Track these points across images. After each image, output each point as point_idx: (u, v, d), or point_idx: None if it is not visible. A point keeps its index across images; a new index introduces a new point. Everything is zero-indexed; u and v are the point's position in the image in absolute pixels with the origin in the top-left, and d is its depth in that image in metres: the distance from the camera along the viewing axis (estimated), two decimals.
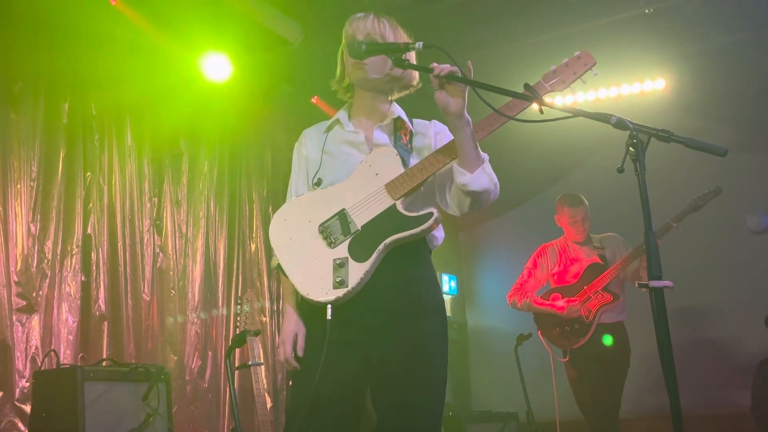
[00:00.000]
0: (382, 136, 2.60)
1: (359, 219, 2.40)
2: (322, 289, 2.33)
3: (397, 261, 2.38)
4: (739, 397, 6.43)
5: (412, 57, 2.57)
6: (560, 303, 5.13)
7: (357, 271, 2.32)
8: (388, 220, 2.38)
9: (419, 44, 2.38)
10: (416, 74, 2.67)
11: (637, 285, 2.02)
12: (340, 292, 2.30)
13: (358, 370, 2.40)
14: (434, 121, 2.70)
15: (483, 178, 2.41)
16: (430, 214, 2.38)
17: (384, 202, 2.40)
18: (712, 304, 6.98)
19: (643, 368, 5.31)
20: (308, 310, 2.45)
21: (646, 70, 6.57)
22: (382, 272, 2.35)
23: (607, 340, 5.05)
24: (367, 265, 2.33)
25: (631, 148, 2.02)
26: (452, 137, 2.50)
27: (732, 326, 6.85)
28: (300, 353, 2.43)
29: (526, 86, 2.35)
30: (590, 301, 5.06)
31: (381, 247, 2.34)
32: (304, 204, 2.51)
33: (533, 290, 5.38)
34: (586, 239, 5.34)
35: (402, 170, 2.44)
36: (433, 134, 2.64)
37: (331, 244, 2.38)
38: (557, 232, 5.49)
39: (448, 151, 2.43)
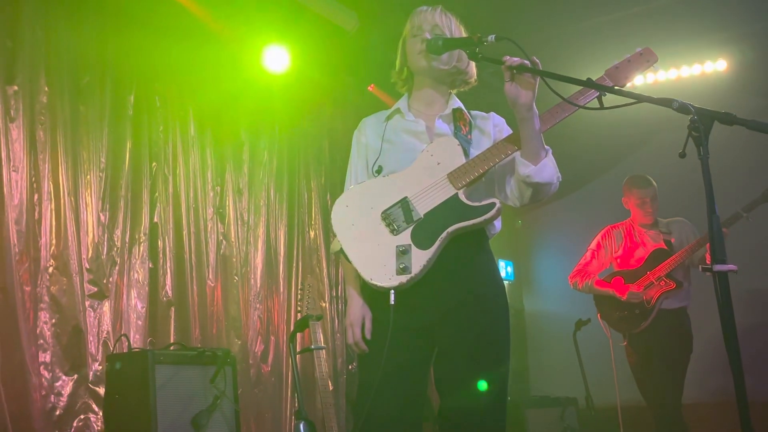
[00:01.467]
0: (443, 126, 2.64)
1: (421, 207, 2.43)
2: (385, 275, 2.37)
3: (458, 248, 2.42)
4: None
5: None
6: (622, 287, 5.08)
7: (420, 258, 2.36)
8: (450, 209, 2.41)
9: (491, 37, 2.42)
10: (475, 70, 2.73)
11: (700, 269, 2.02)
12: (404, 278, 2.34)
13: (422, 354, 2.48)
14: (492, 114, 2.74)
15: (546, 170, 2.45)
16: (493, 204, 2.41)
17: (446, 192, 2.44)
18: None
19: (708, 352, 5.24)
20: (371, 294, 2.50)
21: (706, 51, 6.47)
22: (443, 259, 2.39)
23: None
24: (429, 252, 2.36)
25: (693, 132, 2.01)
26: (510, 131, 2.55)
27: None
28: (368, 336, 2.49)
29: (589, 81, 2.36)
30: (652, 287, 5.00)
31: (444, 235, 2.38)
32: (366, 191, 2.55)
33: (596, 272, 5.33)
34: (653, 222, 5.26)
35: (463, 160, 2.47)
36: (492, 126, 2.68)
37: (394, 231, 2.42)
38: (615, 216, 5.44)
39: (511, 142, 2.46)
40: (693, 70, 6.63)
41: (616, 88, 2.40)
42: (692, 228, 5.22)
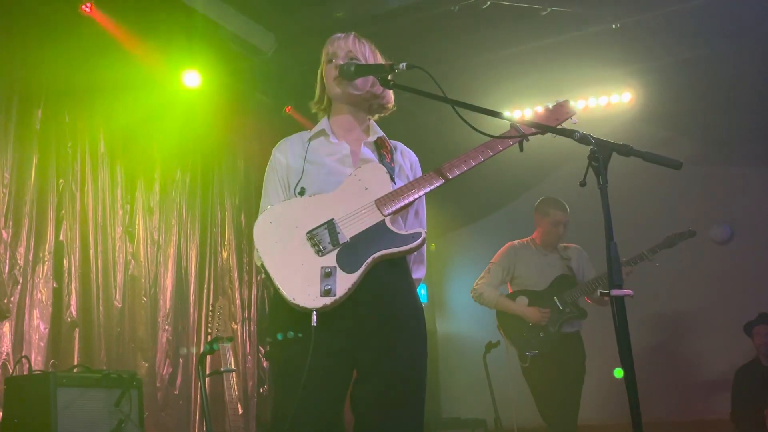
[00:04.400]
0: (368, 152, 2.66)
1: (348, 231, 2.43)
2: (309, 296, 2.33)
3: (380, 271, 2.43)
4: (701, 405, 6.59)
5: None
6: (530, 309, 5.12)
7: (345, 282, 2.35)
8: (377, 235, 2.43)
9: (403, 65, 2.46)
10: (392, 96, 2.77)
11: (599, 293, 2.11)
12: (328, 300, 2.32)
13: (341, 377, 2.47)
14: (410, 151, 2.80)
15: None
16: (419, 234, 2.45)
17: (373, 217, 2.45)
18: (675, 313, 7.13)
19: (610, 374, 5.37)
20: (290, 314, 2.41)
21: (613, 83, 6.72)
22: (364, 282, 2.39)
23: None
24: (355, 276, 2.36)
25: (593, 162, 2.11)
26: (420, 172, 2.70)
27: (694, 335, 7.00)
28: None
29: (513, 125, 2.47)
30: (558, 312, 5.07)
31: (369, 260, 2.39)
32: (291, 209, 2.51)
33: (498, 286, 5.36)
34: (555, 246, 5.34)
35: (390, 187, 2.51)
36: (408, 163, 2.74)
37: (319, 252, 2.39)
38: None
39: (438, 173, 2.51)
40: (600, 101, 6.87)
41: (523, 118, 2.48)
42: (586, 257, 5.35)
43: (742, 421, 5.91)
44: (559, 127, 2.51)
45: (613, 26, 5.79)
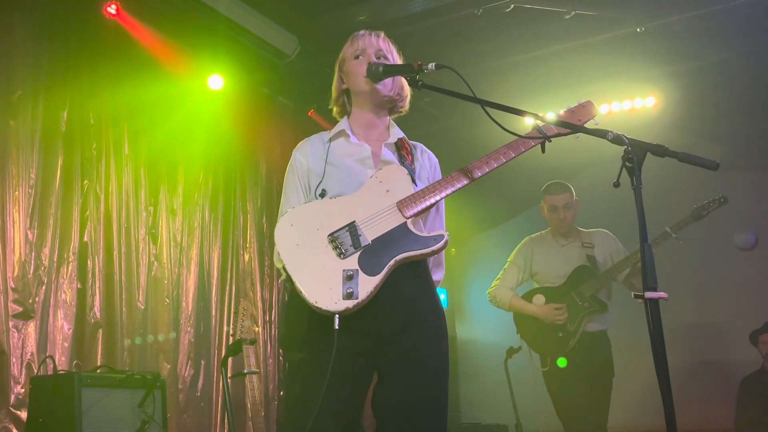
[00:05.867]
0: (388, 154, 2.65)
1: (369, 233, 2.41)
2: (331, 299, 2.31)
3: (401, 273, 2.42)
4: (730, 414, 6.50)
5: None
6: (544, 307, 4.84)
7: (367, 285, 2.33)
8: (398, 238, 2.40)
9: (432, 65, 2.44)
10: (409, 98, 2.75)
11: (633, 296, 2.07)
12: (350, 303, 2.30)
13: (362, 378, 2.47)
14: (430, 152, 2.79)
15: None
16: (441, 236, 2.42)
17: (395, 220, 2.43)
18: (699, 320, 7.05)
19: (644, 382, 5.24)
20: (311, 316, 2.40)
21: (636, 87, 6.67)
22: (386, 284, 2.37)
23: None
24: (377, 279, 2.34)
25: (627, 163, 2.08)
26: (440, 176, 2.67)
27: (719, 342, 6.92)
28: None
29: (536, 127, 2.46)
30: (576, 308, 4.76)
31: (392, 263, 2.36)
32: (312, 211, 2.49)
33: (516, 286, 5.09)
34: (570, 233, 5.02)
35: (412, 189, 2.49)
36: (429, 164, 2.73)
37: (341, 255, 2.37)
38: None
39: (461, 174, 2.50)
40: (624, 105, 6.82)
41: (554, 118, 2.47)
42: (613, 239, 5.02)
43: (746, 430, 5.82)
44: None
45: (638, 30, 5.76)
